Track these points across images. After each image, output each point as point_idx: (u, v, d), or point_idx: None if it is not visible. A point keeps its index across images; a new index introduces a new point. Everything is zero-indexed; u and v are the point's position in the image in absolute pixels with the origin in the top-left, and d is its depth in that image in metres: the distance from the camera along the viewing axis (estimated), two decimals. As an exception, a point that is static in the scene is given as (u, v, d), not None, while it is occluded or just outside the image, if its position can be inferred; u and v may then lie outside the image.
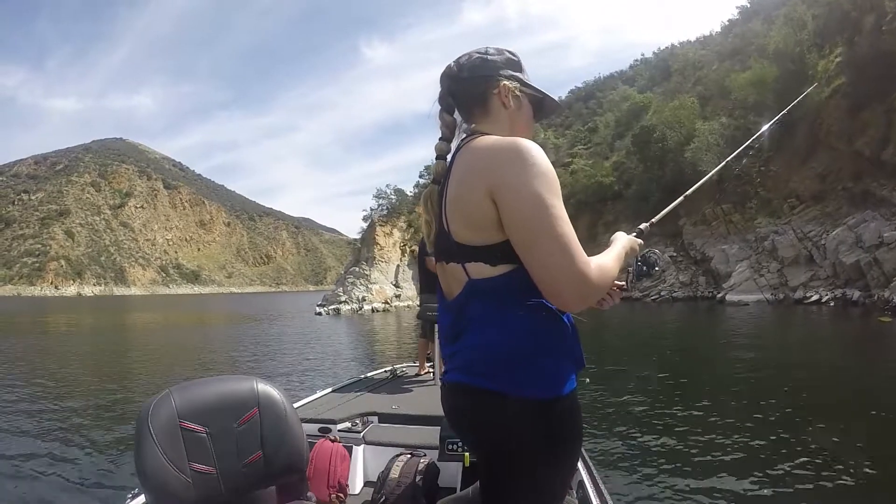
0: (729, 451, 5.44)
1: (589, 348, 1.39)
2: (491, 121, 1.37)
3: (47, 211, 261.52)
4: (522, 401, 1.19)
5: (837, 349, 13.24)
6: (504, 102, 1.36)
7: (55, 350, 18.07)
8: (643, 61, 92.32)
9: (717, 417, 6.74)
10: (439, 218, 1.32)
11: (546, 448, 1.22)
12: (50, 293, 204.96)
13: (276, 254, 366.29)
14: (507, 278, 1.21)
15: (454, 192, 1.26)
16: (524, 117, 1.41)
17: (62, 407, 8.53)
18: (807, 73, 34.15)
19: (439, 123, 1.39)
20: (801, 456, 5.16)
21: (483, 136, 1.29)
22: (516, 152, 1.18)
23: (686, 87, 55.12)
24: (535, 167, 1.16)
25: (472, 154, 1.27)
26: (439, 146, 1.38)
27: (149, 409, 1.76)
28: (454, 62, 1.40)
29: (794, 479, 4.66)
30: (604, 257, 1.28)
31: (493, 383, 1.20)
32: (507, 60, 1.39)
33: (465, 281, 1.25)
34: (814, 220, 29.43)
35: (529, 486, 1.23)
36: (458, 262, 1.26)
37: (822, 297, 25.15)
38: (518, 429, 1.21)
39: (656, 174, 42.69)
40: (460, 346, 1.29)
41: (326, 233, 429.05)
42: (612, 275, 1.26)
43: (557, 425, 1.22)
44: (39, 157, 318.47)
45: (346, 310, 40.54)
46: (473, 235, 1.22)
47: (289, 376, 11.16)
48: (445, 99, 1.40)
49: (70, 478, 5.24)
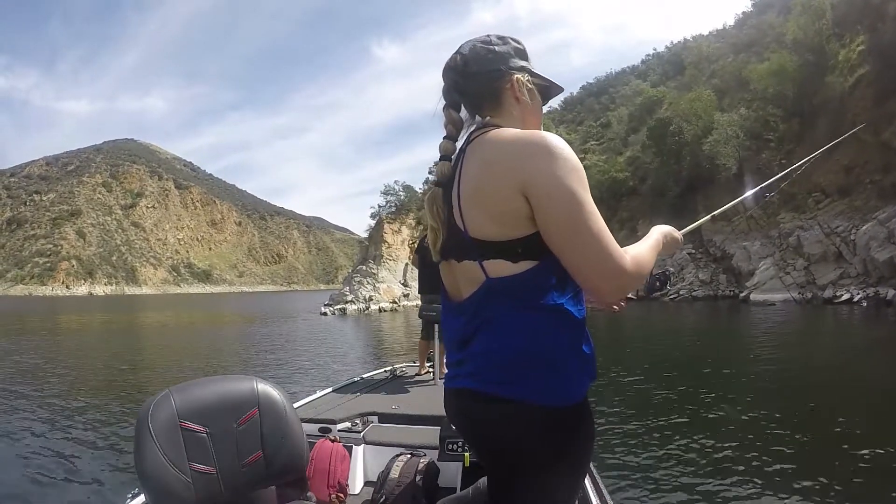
0: (736, 457, 5.27)
1: (602, 348, 1.08)
2: (503, 114, 1.32)
3: (59, 211, 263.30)
4: (536, 408, 1.18)
5: (872, 354, 12.17)
6: (517, 97, 1.31)
7: (60, 349, 17.94)
8: (655, 56, 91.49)
9: (728, 423, 6.50)
10: (449, 217, 1.28)
11: (559, 456, 1.21)
12: (61, 293, 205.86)
13: (287, 253, 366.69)
14: (529, 276, 1.18)
15: (472, 187, 1.22)
16: (535, 108, 1.36)
17: (62, 407, 8.51)
18: (827, 62, 33.27)
19: (444, 121, 1.33)
20: (816, 471, 4.76)
21: (501, 129, 1.24)
22: (547, 147, 1.15)
23: (701, 80, 54.08)
24: (567, 162, 1.14)
25: (493, 147, 1.22)
26: (445, 145, 1.31)
27: (149, 409, 1.73)
28: (458, 54, 1.32)
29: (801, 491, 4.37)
30: (640, 247, 1.27)
31: (507, 390, 1.18)
32: (515, 50, 1.34)
33: (481, 280, 1.21)
34: (841, 214, 28.19)
35: (540, 493, 1.22)
36: (475, 260, 1.21)
37: (854, 296, 23.79)
38: (531, 437, 1.19)
39: (673, 168, 41.85)
40: (472, 351, 1.25)
41: (338, 232, 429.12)
42: (648, 265, 1.26)
43: (570, 434, 1.21)
44: (51, 158, 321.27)
45: (352, 310, 39.59)
46: (496, 230, 1.18)
47: (289, 377, 11.09)
48: (451, 95, 1.33)
49: (70, 478, 5.27)
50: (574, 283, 1.20)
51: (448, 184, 1.29)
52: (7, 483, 5.14)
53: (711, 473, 4.86)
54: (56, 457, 5.89)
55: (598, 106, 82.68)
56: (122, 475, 5.14)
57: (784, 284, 27.66)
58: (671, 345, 15.12)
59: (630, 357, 12.81)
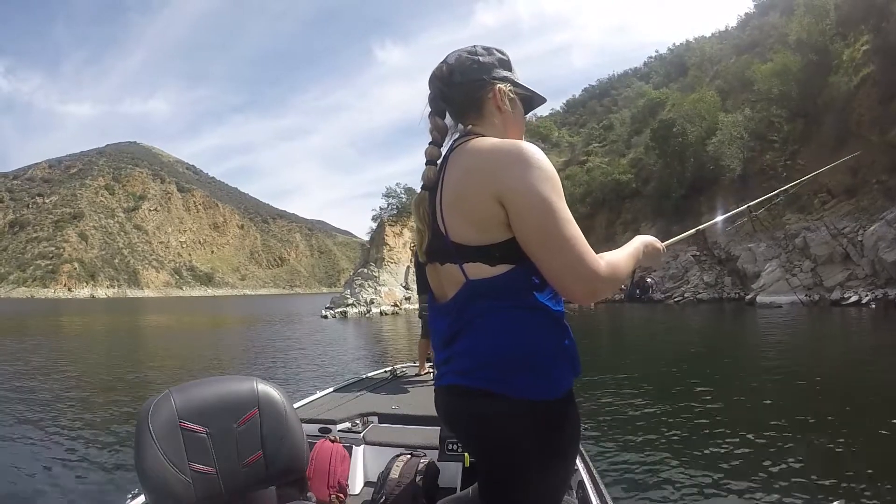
0: (741, 460, 5.20)
1: (602, 349, 1.10)
2: (485, 123, 1.37)
3: (61, 214, 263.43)
4: (522, 402, 1.21)
5: (881, 357, 11.80)
6: (499, 106, 1.36)
7: (61, 351, 17.84)
8: (658, 58, 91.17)
9: (734, 425, 6.33)
10: (433, 221, 1.32)
11: (545, 449, 1.23)
12: (63, 295, 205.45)
13: (289, 256, 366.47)
14: (507, 278, 1.22)
15: (453, 193, 1.27)
16: (517, 117, 1.40)
17: (62, 407, 8.53)
18: (831, 62, 33.07)
19: (429, 127, 1.38)
20: (823, 473, 4.73)
21: (481, 138, 1.30)
22: (522, 156, 1.20)
23: (704, 81, 53.90)
24: (541, 171, 1.19)
25: (472, 155, 1.27)
26: (430, 151, 1.36)
27: (149, 410, 1.75)
28: (444, 64, 1.37)
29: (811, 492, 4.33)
30: (616, 254, 1.31)
31: (493, 385, 1.21)
32: (499, 61, 1.38)
33: (462, 282, 1.26)
34: (848, 215, 27.86)
35: (528, 487, 1.24)
36: (455, 263, 1.26)
37: (862, 297, 23.44)
38: (518, 430, 1.22)
39: (676, 170, 41.58)
40: (457, 349, 1.28)
41: (340, 235, 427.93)
42: (624, 272, 1.31)
43: (557, 426, 1.24)
44: (54, 161, 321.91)
45: (353, 313, 39.06)
46: (474, 235, 1.23)
47: (289, 378, 11.06)
48: (436, 102, 1.38)
49: (70, 478, 5.28)
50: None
51: (434, 188, 1.33)
52: (7, 483, 5.17)
53: (713, 475, 4.82)
54: (56, 457, 5.91)
55: (600, 108, 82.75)
56: (122, 475, 5.16)
57: (791, 286, 27.32)
58: (674, 347, 14.98)
59: (631, 357, 12.72)
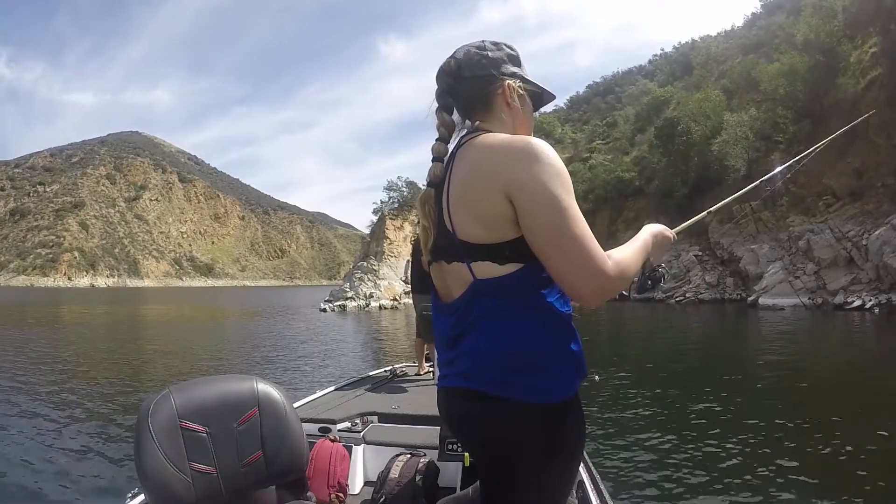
0: (736, 459, 5.28)
1: (603, 349, 1.13)
2: (493, 119, 1.34)
3: (62, 203, 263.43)
4: (526, 406, 1.19)
5: (884, 363, 11.68)
6: (508, 102, 1.34)
7: (59, 343, 17.58)
8: (663, 56, 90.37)
9: (734, 428, 6.39)
10: (439, 219, 1.29)
11: (550, 452, 1.21)
12: (63, 284, 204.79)
13: (290, 248, 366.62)
14: (515, 278, 1.20)
15: (461, 190, 1.24)
16: (526, 114, 1.38)
17: (62, 406, 8.42)
18: (839, 64, 32.83)
19: (436, 123, 1.35)
20: (823, 478, 4.79)
21: (490, 134, 1.27)
22: (532, 152, 1.17)
23: (709, 80, 53.51)
24: (551, 167, 1.16)
25: (480, 151, 1.24)
26: (437, 147, 1.34)
27: (149, 409, 1.74)
28: (452, 59, 1.34)
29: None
30: (624, 251, 1.26)
31: (496, 388, 1.19)
32: (508, 56, 1.36)
33: (469, 281, 1.23)
34: (852, 218, 27.62)
35: (532, 490, 1.23)
36: (463, 262, 1.23)
37: (866, 302, 23.23)
38: (521, 434, 1.20)
39: (680, 169, 41.36)
40: (462, 350, 1.26)
41: (341, 227, 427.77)
42: (633, 268, 1.27)
43: (562, 430, 1.22)
44: (55, 150, 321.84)
45: (352, 306, 38.74)
46: (482, 233, 1.20)
47: (287, 379, 10.87)
48: (444, 98, 1.35)
49: (70, 477, 5.25)
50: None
51: (440, 185, 1.30)
52: (7, 482, 5.14)
53: (713, 475, 4.83)
54: (56, 456, 5.87)
55: (604, 105, 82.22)
56: (122, 475, 5.16)
57: (793, 289, 27.07)
58: (675, 347, 14.90)
59: (631, 357, 12.72)
